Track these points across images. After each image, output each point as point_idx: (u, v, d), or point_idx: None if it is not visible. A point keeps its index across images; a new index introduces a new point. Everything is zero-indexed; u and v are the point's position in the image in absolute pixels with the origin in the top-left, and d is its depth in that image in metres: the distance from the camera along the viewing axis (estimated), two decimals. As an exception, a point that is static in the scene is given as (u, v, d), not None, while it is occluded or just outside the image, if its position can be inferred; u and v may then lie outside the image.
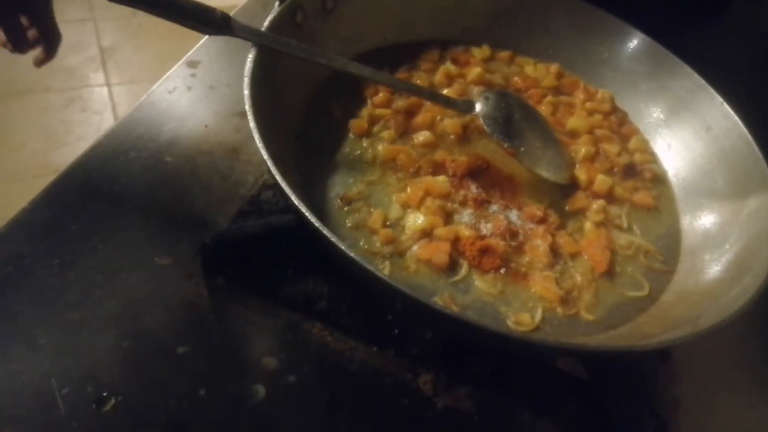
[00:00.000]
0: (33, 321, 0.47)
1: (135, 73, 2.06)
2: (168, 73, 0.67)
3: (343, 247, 0.43)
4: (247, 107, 0.50)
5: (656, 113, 0.69)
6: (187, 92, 0.66)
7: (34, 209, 0.54)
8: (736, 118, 0.62)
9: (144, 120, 0.62)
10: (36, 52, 0.69)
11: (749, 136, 0.60)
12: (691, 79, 0.66)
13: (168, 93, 0.66)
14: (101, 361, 0.46)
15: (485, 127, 0.60)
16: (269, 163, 0.46)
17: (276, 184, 0.46)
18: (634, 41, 0.70)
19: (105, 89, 2.02)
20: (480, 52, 0.72)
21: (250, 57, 0.53)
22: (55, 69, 2.03)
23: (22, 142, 1.84)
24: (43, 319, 0.47)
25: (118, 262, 0.52)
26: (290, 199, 0.45)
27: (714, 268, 0.55)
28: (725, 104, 0.63)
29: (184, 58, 0.69)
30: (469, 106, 0.61)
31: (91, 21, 2.25)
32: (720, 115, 0.63)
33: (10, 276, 0.49)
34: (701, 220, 0.61)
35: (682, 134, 0.66)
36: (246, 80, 0.51)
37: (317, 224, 0.44)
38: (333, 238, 0.43)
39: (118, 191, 0.56)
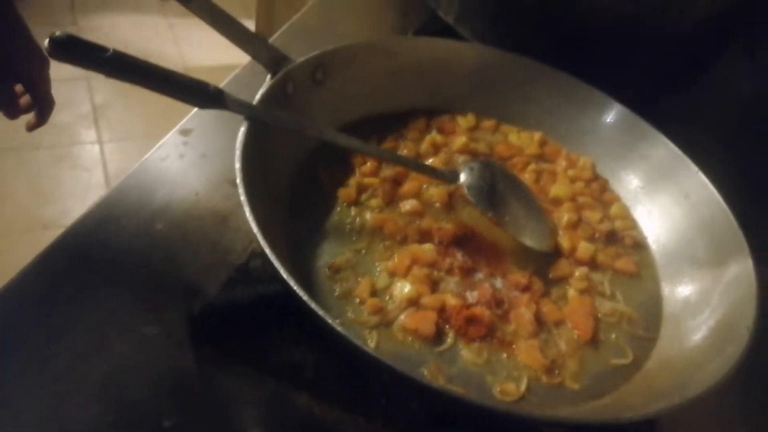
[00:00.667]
0: (17, 394, 0.47)
1: (126, 131, 2.08)
2: (161, 141, 0.69)
3: (331, 322, 0.44)
4: (239, 180, 0.51)
5: (636, 181, 0.71)
6: (179, 160, 0.67)
7: (25, 277, 0.54)
8: (712, 187, 0.64)
9: (137, 187, 0.63)
10: (29, 115, 0.71)
11: (725, 206, 0.62)
12: (668, 149, 0.69)
13: (161, 160, 0.67)
14: (85, 436, 0.46)
15: (470, 197, 0.62)
16: (259, 237, 0.47)
17: (264, 253, 0.47)
18: (614, 112, 0.73)
19: (96, 146, 2.04)
20: (465, 121, 0.75)
21: (242, 130, 0.55)
22: (46, 126, 2.05)
23: (11, 197, 1.85)
24: (27, 391, 0.47)
25: (106, 331, 0.52)
26: (278, 271, 0.46)
27: (696, 336, 0.56)
28: (701, 173, 0.65)
29: (177, 127, 0.71)
30: (454, 177, 0.63)
31: (84, 79, 2.29)
32: (697, 184, 0.65)
33: (-4, 347, 0.49)
34: (682, 287, 0.62)
35: (661, 202, 0.68)
36: (237, 153, 0.53)
37: (304, 296, 0.45)
38: (321, 312, 0.44)
39: (109, 258, 0.57)
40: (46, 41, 0.51)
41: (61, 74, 0.73)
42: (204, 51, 2.37)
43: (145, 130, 2.10)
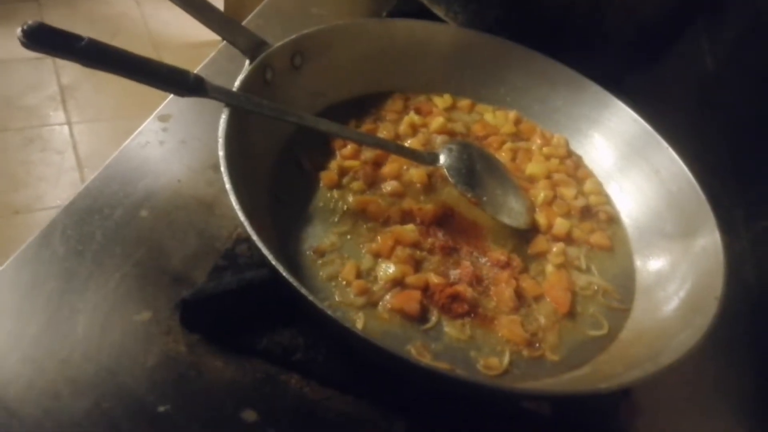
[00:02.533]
0: (10, 387, 0.48)
1: (96, 112, 2.05)
2: (140, 128, 0.69)
3: (319, 305, 0.45)
4: (223, 168, 0.52)
5: (608, 157, 0.73)
6: (160, 147, 0.68)
7: (8, 272, 0.54)
8: (681, 163, 0.66)
9: (118, 176, 0.64)
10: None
11: (693, 180, 0.64)
12: (638, 125, 0.71)
13: (141, 148, 0.67)
14: (80, 426, 0.47)
15: (450, 179, 0.63)
16: (246, 224, 0.48)
17: (250, 239, 0.48)
18: (585, 89, 0.74)
19: (66, 128, 2.01)
20: (441, 102, 0.76)
21: (223, 117, 0.56)
22: (13, 108, 2.01)
23: (-19, 183, 1.81)
24: (21, 384, 0.48)
25: (97, 321, 0.53)
26: (266, 257, 0.47)
27: (668, 306, 0.59)
28: (670, 149, 0.67)
29: (155, 113, 0.71)
30: (433, 158, 0.64)
31: (49, 59, 2.24)
32: (666, 160, 0.67)
33: (-14, 341, 0.50)
34: (653, 260, 0.64)
35: (632, 177, 0.71)
36: (221, 141, 0.54)
37: (293, 281, 0.46)
38: (309, 296, 0.46)
39: (94, 249, 0.57)
40: (18, 30, 0.51)
41: (26, 54, 0.72)
42: (173, 29, 2.33)
43: (115, 111, 2.07)
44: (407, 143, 0.70)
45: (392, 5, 0.95)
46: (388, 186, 0.65)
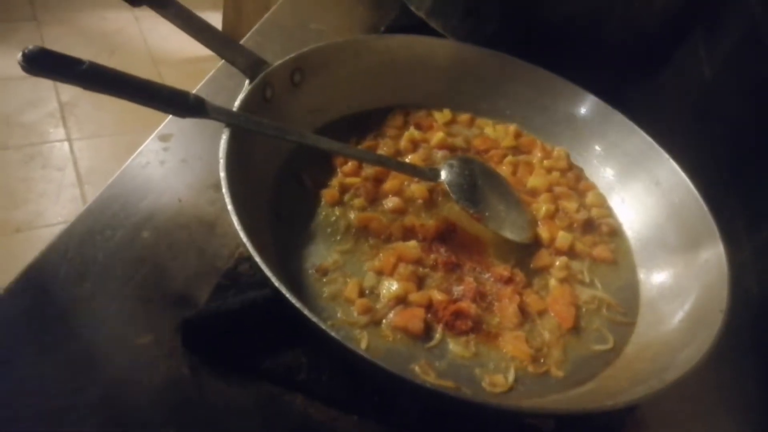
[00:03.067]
0: (12, 414, 0.47)
1: (96, 128, 2.05)
2: (141, 148, 0.69)
3: (322, 325, 0.45)
4: (224, 189, 0.52)
5: (609, 169, 0.73)
6: (160, 167, 0.67)
7: (10, 295, 0.54)
8: (683, 174, 0.66)
9: (119, 197, 0.63)
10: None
11: (695, 191, 0.64)
12: (639, 137, 0.71)
13: (141, 168, 0.67)
14: (85, 451, 0.47)
15: (451, 195, 0.63)
16: (247, 244, 0.48)
17: (252, 258, 0.48)
18: (585, 102, 0.75)
19: (66, 144, 2.01)
20: (441, 116, 0.76)
21: (224, 137, 0.56)
22: (13, 125, 2.01)
23: (-19, 200, 1.81)
24: (23, 411, 0.48)
25: (99, 345, 0.53)
26: (268, 278, 0.47)
27: (673, 319, 0.59)
28: (671, 161, 0.67)
29: (155, 133, 0.71)
30: (434, 175, 0.64)
31: (49, 76, 2.24)
32: (668, 171, 0.67)
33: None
34: (657, 272, 0.64)
35: (634, 189, 0.71)
36: (222, 162, 0.53)
37: (295, 302, 0.46)
38: (311, 316, 0.45)
39: (96, 271, 0.57)
40: (19, 55, 0.51)
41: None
42: (172, 44, 2.34)
43: (114, 127, 2.07)
44: (408, 159, 0.70)
45: (390, 19, 0.96)
46: (390, 202, 0.65)
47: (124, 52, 2.29)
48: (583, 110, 0.75)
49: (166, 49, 2.33)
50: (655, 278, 0.64)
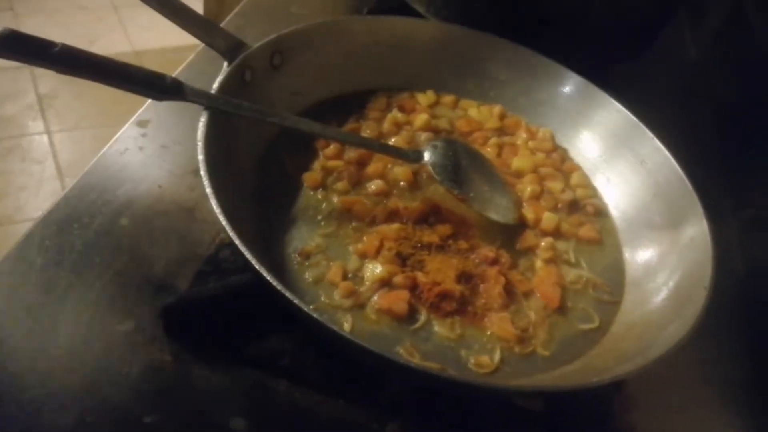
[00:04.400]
0: (-8, 403, 0.46)
1: (76, 120, 2.02)
2: (118, 134, 0.67)
3: (305, 309, 0.44)
4: (203, 172, 0.51)
5: (594, 149, 0.73)
6: (139, 153, 0.66)
7: (-13, 284, 0.53)
8: (667, 152, 0.66)
9: (97, 184, 0.62)
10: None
11: (680, 170, 0.64)
12: (623, 116, 0.70)
13: (120, 155, 0.66)
14: (66, 440, 0.46)
15: (435, 176, 0.62)
16: (228, 228, 0.47)
17: (233, 243, 0.47)
18: (569, 81, 0.74)
19: (45, 137, 1.98)
20: (425, 98, 0.75)
21: (202, 120, 0.54)
22: (-9, 118, 1.98)
23: (-39, 194, 1.79)
24: (2, 399, 0.47)
25: (78, 333, 0.51)
26: (249, 261, 0.46)
27: (658, 298, 0.59)
28: (656, 139, 0.67)
29: (133, 118, 0.69)
30: (418, 156, 0.64)
31: (26, 68, 2.21)
32: (652, 150, 0.67)
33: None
34: (642, 251, 0.64)
35: (619, 169, 0.70)
36: (200, 145, 0.52)
37: (277, 285, 0.45)
38: (295, 300, 0.45)
39: (74, 259, 0.56)
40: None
41: (2, 64, 0.71)
42: (153, 34, 2.30)
43: (94, 118, 2.04)
44: (391, 141, 0.69)
45: (372, 2, 0.94)
46: (373, 185, 0.64)
47: (104, 43, 2.26)
48: (567, 90, 0.74)
49: (147, 39, 2.29)
50: (640, 257, 0.64)
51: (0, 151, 1.92)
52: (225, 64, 0.61)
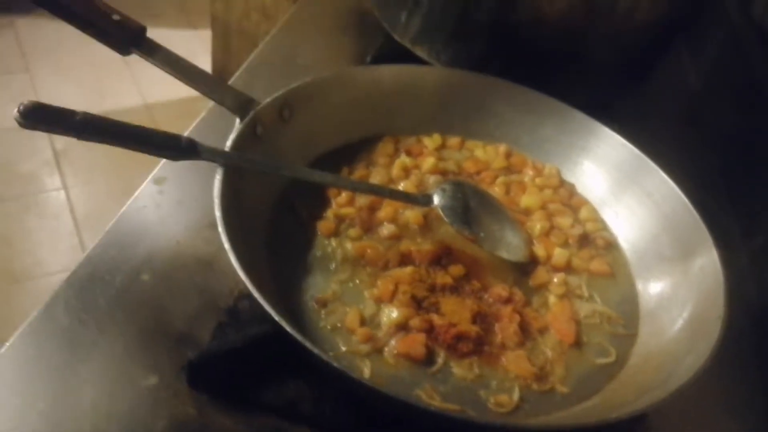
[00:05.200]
0: (24, 463, 0.47)
1: (91, 174, 2.07)
2: (136, 192, 0.70)
3: (325, 357, 0.45)
4: (220, 228, 0.52)
5: (601, 183, 0.74)
6: (157, 210, 0.68)
7: (14, 348, 0.54)
8: (673, 184, 0.67)
9: (117, 242, 0.64)
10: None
11: (686, 200, 0.65)
12: (627, 150, 0.72)
13: (138, 212, 0.68)
14: (96, 497, 0.46)
15: (445, 218, 0.64)
16: (246, 281, 0.49)
17: (252, 295, 0.49)
18: (571, 118, 0.75)
19: (62, 192, 2.02)
20: (431, 142, 0.77)
21: (218, 177, 0.56)
22: (9, 176, 2.03)
23: (-20, 253, 1.82)
24: (33, 459, 0.48)
25: (104, 390, 0.53)
26: (269, 313, 0.48)
27: (673, 329, 0.59)
28: (661, 172, 0.68)
29: (150, 177, 0.71)
30: (427, 200, 0.65)
31: (43, 125, 2.26)
32: (658, 182, 0.68)
33: (-8, 422, 0.49)
34: (654, 283, 0.65)
35: (626, 201, 0.71)
36: (216, 202, 0.54)
37: (297, 335, 0.46)
38: (314, 349, 0.46)
39: (98, 317, 0.57)
40: (15, 111, 0.52)
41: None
42: (163, 86, 2.35)
43: (109, 171, 2.08)
44: (401, 186, 0.71)
45: (375, 49, 0.97)
46: (385, 230, 0.65)
47: (115, 97, 2.32)
48: (570, 126, 0.76)
49: (158, 91, 2.35)
50: (653, 289, 0.64)
51: (18, 208, 1.96)
52: (237, 120, 0.64)
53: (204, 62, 2.12)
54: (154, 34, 0.64)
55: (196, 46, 2.46)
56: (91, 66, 2.39)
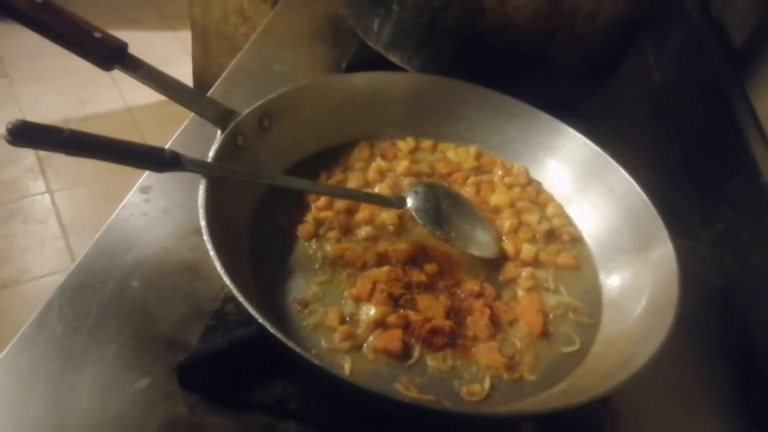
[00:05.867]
0: (25, 464, 0.50)
1: (75, 178, 2.08)
2: (123, 202, 0.72)
3: (306, 356, 0.49)
4: (206, 237, 0.55)
5: (565, 180, 0.78)
6: (144, 218, 0.71)
7: (8, 357, 0.57)
8: (632, 180, 0.70)
9: (107, 250, 0.67)
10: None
11: (644, 196, 0.69)
12: (589, 149, 0.75)
13: (125, 221, 0.71)
14: (94, 495, 0.50)
15: (418, 220, 0.67)
16: (231, 286, 0.52)
17: (237, 298, 0.52)
18: (538, 119, 0.79)
19: (47, 197, 2.03)
20: (405, 145, 0.80)
21: (201, 188, 0.59)
22: (-7, 184, 2.04)
23: (-34, 261, 1.83)
24: (35, 461, 0.51)
25: (97, 395, 0.56)
26: (253, 316, 0.51)
27: (633, 316, 0.63)
28: (621, 169, 0.72)
29: (136, 186, 0.74)
30: (401, 203, 0.69)
31: (24, 131, 2.26)
32: (619, 179, 0.72)
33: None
34: (616, 274, 0.69)
35: (590, 197, 0.75)
36: (201, 211, 0.57)
37: (280, 336, 0.50)
38: (296, 348, 0.49)
39: (90, 324, 0.60)
40: (3, 129, 0.54)
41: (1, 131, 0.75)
42: (144, 90, 2.36)
43: (93, 174, 2.10)
44: (377, 188, 0.74)
45: (350, 55, 1.00)
46: (363, 231, 0.69)
47: (97, 102, 2.33)
48: (536, 127, 0.79)
49: (139, 96, 2.36)
50: (615, 279, 0.68)
51: (2, 215, 1.97)
52: (218, 132, 0.66)
53: (185, 63, 2.13)
54: (133, 38, 0.66)
55: (176, 49, 2.47)
56: (71, 71, 2.40)
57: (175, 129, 0.82)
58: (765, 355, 0.68)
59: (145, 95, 2.42)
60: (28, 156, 2.14)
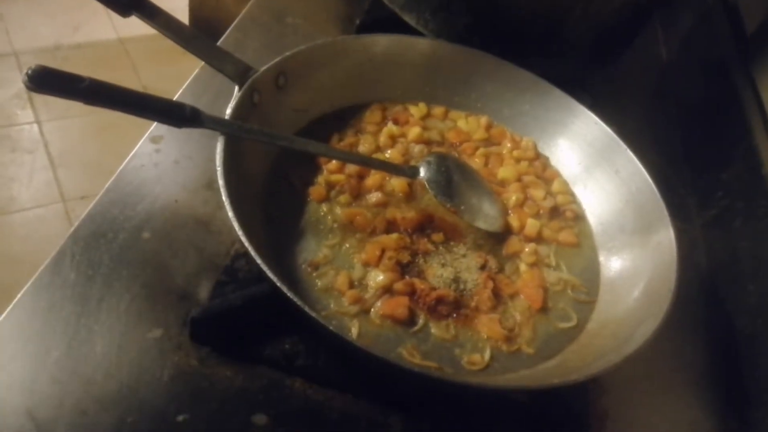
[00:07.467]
0: (42, 413, 0.52)
1: (65, 109, 2.04)
2: (134, 150, 0.72)
3: (315, 316, 0.50)
4: (224, 196, 0.56)
5: (573, 157, 0.79)
6: (155, 168, 0.71)
7: (26, 298, 0.58)
8: (639, 163, 0.72)
9: (118, 200, 0.67)
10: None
11: (650, 180, 0.70)
12: (599, 128, 0.76)
13: (136, 171, 0.71)
14: (110, 438, 0.52)
15: (430, 191, 0.68)
16: (248, 246, 0.53)
17: (248, 254, 0.53)
18: (549, 94, 0.80)
19: (35, 126, 1.99)
20: (417, 110, 0.81)
21: (219, 146, 0.60)
22: (-21, 108, 1.99)
23: (-48, 187, 1.80)
24: (50, 410, 0.52)
25: (113, 341, 0.57)
26: (266, 273, 0.52)
27: (629, 297, 0.66)
28: (629, 151, 0.73)
29: (147, 134, 0.74)
30: (414, 172, 0.70)
31: (12, 56, 2.21)
32: (626, 161, 0.73)
33: (3, 369, 0.54)
34: (616, 254, 0.71)
35: (595, 177, 0.77)
36: (219, 170, 0.58)
37: (291, 296, 0.51)
38: (305, 308, 0.51)
39: (104, 273, 0.61)
40: (23, 75, 0.54)
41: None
42: (138, 21, 2.30)
43: (83, 106, 2.05)
44: (387, 154, 0.75)
45: (364, 11, 0.99)
46: (373, 197, 0.70)
47: (88, 29, 2.26)
48: (548, 102, 0.80)
49: (131, 26, 2.29)
50: (614, 260, 0.71)
51: (-11, 141, 1.93)
52: (236, 88, 0.66)
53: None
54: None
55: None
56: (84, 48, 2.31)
57: (167, 65, 0.82)
58: (746, 343, 0.71)
59: (137, 26, 2.36)
60: (15, 82, 2.09)
